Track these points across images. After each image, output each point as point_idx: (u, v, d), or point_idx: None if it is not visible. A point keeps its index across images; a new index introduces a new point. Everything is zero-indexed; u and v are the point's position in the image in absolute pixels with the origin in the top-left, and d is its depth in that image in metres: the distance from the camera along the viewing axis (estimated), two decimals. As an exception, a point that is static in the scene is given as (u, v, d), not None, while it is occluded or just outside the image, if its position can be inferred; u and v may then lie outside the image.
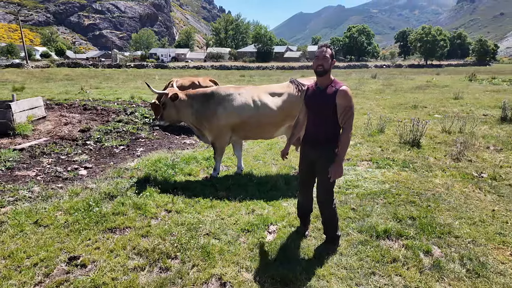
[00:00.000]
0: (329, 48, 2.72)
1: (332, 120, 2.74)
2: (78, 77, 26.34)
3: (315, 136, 2.83)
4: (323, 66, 2.67)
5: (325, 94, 2.71)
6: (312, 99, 2.81)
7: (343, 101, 2.65)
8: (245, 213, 3.64)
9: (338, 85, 2.70)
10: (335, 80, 2.77)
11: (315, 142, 2.83)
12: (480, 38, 79.39)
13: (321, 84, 2.78)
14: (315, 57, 2.72)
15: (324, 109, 2.72)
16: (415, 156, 5.79)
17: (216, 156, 4.70)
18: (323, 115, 2.75)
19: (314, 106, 2.80)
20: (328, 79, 2.75)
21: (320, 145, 2.81)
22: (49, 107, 10.62)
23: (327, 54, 2.68)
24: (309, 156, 2.91)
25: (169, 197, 4.01)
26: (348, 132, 2.68)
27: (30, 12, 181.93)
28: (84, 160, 5.57)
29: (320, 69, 2.68)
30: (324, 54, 2.67)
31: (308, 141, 2.92)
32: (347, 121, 2.67)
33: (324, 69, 2.68)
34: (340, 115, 2.69)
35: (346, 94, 2.65)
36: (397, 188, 4.37)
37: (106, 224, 3.37)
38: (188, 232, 3.22)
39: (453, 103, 12.00)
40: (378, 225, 3.35)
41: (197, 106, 4.51)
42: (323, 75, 2.71)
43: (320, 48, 2.74)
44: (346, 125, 2.68)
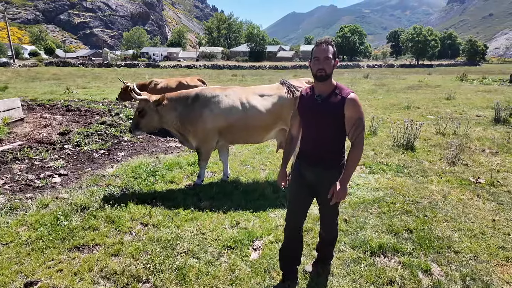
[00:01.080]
0: (330, 45, 2.11)
1: (338, 136, 2.23)
2: (66, 77, 25.67)
3: (316, 156, 2.27)
4: (324, 70, 2.09)
5: (328, 104, 2.15)
6: (312, 110, 2.22)
7: (353, 112, 2.11)
8: (229, 227, 3.34)
9: (344, 92, 2.14)
10: (338, 85, 2.20)
11: (316, 163, 2.28)
12: (470, 38, 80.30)
13: (322, 92, 2.19)
14: (314, 58, 2.11)
15: (328, 123, 2.18)
16: (410, 160, 5.56)
17: (201, 162, 4.38)
18: (326, 130, 2.21)
19: (315, 119, 2.22)
20: (330, 85, 2.18)
21: (324, 168, 2.26)
22: (29, 108, 10.16)
23: (330, 54, 2.09)
24: (307, 178, 2.34)
25: (147, 208, 3.69)
26: (359, 149, 2.15)
27: (19, 10, 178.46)
28: (60, 166, 5.20)
29: (322, 73, 2.10)
30: (326, 54, 2.08)
31: (306, 161, 2.34)
32: (358, 136, 2.13)
33: (326, 73, 2.10)
34: (350, 129, 2.15)
35: (355, 103, 2.11)
36: (391, 196, 4.12)
37: (73, 241, 3.04)
38: (164, 250, 2.91)
39: (445, 104, 11.88)
40: (372, 239, 3.09)
41: (180, 109, 4.17)
42: (324, 81, 2.15)
43: (319, 46, 2.11)
44: (357, 140, 2.14)
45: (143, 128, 4.22)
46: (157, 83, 7.88)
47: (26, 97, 13.12)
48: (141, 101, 4.13)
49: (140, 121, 4.19)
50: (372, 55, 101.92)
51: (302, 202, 2.42)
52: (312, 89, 2.28)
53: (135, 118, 4.21)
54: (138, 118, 4.19)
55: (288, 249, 2.52)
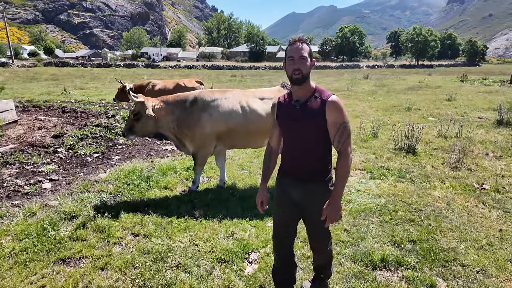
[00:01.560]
0: (305, 43, 1.91)
1: (322, 145, 1.98)
2: (64, 77, 25.51)
3: (298, 170, 2.02)
4: (300, 71, 1.87)
5: (308, 109, 1.92)
6: (291, 118, 1.99)
7: (336, 117, 1.88)
8: (224, 237, 3.19)
9: (324, 95, 1.92)
10: (318, 88, 1.97)
11: (299, 178, 2.03)
12: (470, 39, 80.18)
13: (299, 96, 1.96)
14: (289, 58, 1.90)
15: (310, 130, 1.94)
16: (411, 164, 5.41)
17: (196, 167, 4.21)
18: (309, 139, 1.97)
19: (295, 127, 1.98)
20: (309, 88, 1.95)
21: (309, 184, 2.01)
22: (25, 110, 10.01)
23: (305, 53, 1.88)
24: (291, 195, 2.09)
25: (139, 217, 3.53)
26: (346, 158, 1.90)
27: (18, 10, 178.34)
28: (51, 170, 5.05)
29: (298, 75, 1.87)
30: (301, 53, 1.87)
31: (287, 176, 2.09)
32: (344, 143, 1.89)
33: (302, 75, 1.88)
34: (334, 136, 1.91)
35: (338, 106, 1.88)
36: (393, 203, 3.97)
37: (59, 253, 2.88)
38: (154, 264, 2.76)
39: (446, 105, 11.73)
40: (374, 251, 2.94)
41: (178, 113, 4.00)
42: (301, 84, 1.92)
43: (293, 44, 1.90)
44: (343, 148, 1.90)
45: (137, 132, 3.99)
46: (154, 84, 7.74)
47: (23, 98, 12.98)
48: (137, 103, 3.92)
49: (134, 124, 3.95)
50: (372, 56, 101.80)
51: (289, 224, 2.18)
52: (290, 95, 2.05)
53: (129, 121, 3.97)
54: (132, 122, 3.95)
55: (280, 271, 2.32)
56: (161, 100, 4.06)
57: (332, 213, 1.91)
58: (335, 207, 1.91)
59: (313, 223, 2.09)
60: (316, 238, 2.20)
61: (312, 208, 2.03)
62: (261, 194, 2.16)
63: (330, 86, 19.32)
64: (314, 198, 2.01)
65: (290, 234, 2.24)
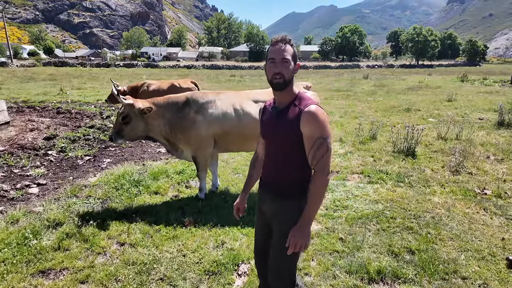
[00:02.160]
0: (289, 44, 1.68)
1: (298, 158, 1.74)
2: (62, 77, 25.36)
3: (270, 183, 1.84)
4: (282, 75, 1.65)
5: (284, 118, 1.71)
6: (266, 125, 1.81)
7: (311, 130, 1.63)
8: (213, 247, 3.05)
9: (303, 104, 1.68)
10: (300, 95, 1.74)
11: (271, 192, 1.83)
12: (470, 38, 79.99)
13: (280, 103, 1.76)
14: (270, 60, 1.68)
15: (282, 141, 1.73)
16: (411, 167, 5.27)
17: (199, 173, 4.02)
18: (282, 150, 1.76)
19: (268, 136, 1.81)
20: (290, 95, 1.73)
21: (278, 197, 1.79)
22: (19, 110, 9.87)
23: (288, 55, 1.66)
24: (264, 211, 1.90)
25: (126, 224, 3.39)
26: (321, 178, 1.64)
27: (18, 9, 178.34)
28: (40, 174, 4.91)
29: (279, 79, 1.66)
30: (283, 55, 1.65)
31: (264, 188, 1.89)
32: (320, 160, 1.64)
33: (284, 80, 1.66)
34: (309, 151, 1.67)
35: (315, 117, 1.62)
36: (391, 210, 3.82)
37: (39, 265, 2.74)
38: (138, 276, 2.61)
39: (446, 106, 11.59)
40: (370, 262, 2.79)
41: (169, 115, 3.85)
42: (282, 89, 1.70)
43: (275, 45, 1.67)
44: (318, 166, 1.65)
45: (126, 136, 3.78)
46: (149, 85, 7.61)
47: (19, 98, 12.83)
48: (125, 105, 3.74)
49: (123, 128, 3.74)
50: (372, 55, 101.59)
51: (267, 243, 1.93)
52: (274, 101, 1.84)
53: (117, 125, 3.77)
54: (121, 125, 3.74)
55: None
56: (151, 102, 3.91)
57: (298, 239, 1.64)
58: (302, 233, 1.64)
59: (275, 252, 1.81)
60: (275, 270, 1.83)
61: (276, 227, 1.82)
62: (239, 202, 2.02)
63: (330, 86, 19.18)
64: (281, 216, 1.78)
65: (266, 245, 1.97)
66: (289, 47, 1.67)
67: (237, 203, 2.03)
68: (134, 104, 3.72)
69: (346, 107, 11.27)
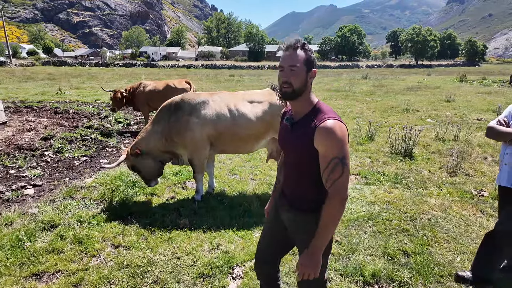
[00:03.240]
0: (301, 48, 1.54)
1: (315, 172, 1.58)
2: (61, 77, 25.30)
3: (288, 195, 1.75)
4: (290, 84, 1.52)
5: (298, 132, 1.58)
6: (283, 136, 1.70)
7: (326, 148, 1.48)
8: (208, 250, 3.03)
9: (319, 117, 1.52)
10: (318, 106, 1.58)
11: (289, 204, 1.74)
12: (469, 39, 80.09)
13: (295, 113, 1.64)
14: (279, 68, 1.58)
15: (298, 155, 1.61)
16: (408, 169, 5.26)
17: (196, 175, 4.02)
18: (298, 163, 1.64)
19: (285, 148, 1.70)
20: (307, 105, 1.59)
21: (295, 209, 1.70)
22: (16, 110, 9.84)
23: (297, 62, 1.52)
24: (283, 216, 1.81)
25: (121, 226, 3.37)
26: (335, 202, 1.49)
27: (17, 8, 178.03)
28: (36, 175, 4.89)
29: (287, 88, 1.54)
30: (291, 62, 1.52)
31: (284, 195, 1.81)
32: (334, 183, 1.48)
33: (293, 89, 1.53)
34: (323, 171, 1.51)
35: (330, 135, 1.46)
36: (388, 211, 3.81)
37: (32, 267, 2.72)
38: (132, 279, 2.60)
39: (445, 106, 11.59)
40: (365, 265, 2.78)
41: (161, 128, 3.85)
42: (293, 99, 1.57)
43: (286, 50, 1.56)
44: (333, 189, 1.49)
45: (150, 176, 4.02)
46: (145, 86, 7.62)
47: (17, 98, 12.79)
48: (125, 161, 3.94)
49: (143, 176, 4.03)
50: (371, 55, 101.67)
51: (275, 246, 1.92)
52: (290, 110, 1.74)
53: (140, 176, 4.08)
54: (140, 174, 4.03)
55: None
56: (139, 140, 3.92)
57: (308, 267, 1.54)
58: (310, 261, 1.53)
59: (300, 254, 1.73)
60: None
61: (296, 237, 1.76)
62: (268, 206, 2.08)
63: (329, 86, 19.17)
64: (303, 230, 1.68)
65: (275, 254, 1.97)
66: (300, 53, 1.53)
67: (267, 206, 2.08)
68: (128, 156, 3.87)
69: (345, 108, 11.27)
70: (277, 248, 1.94)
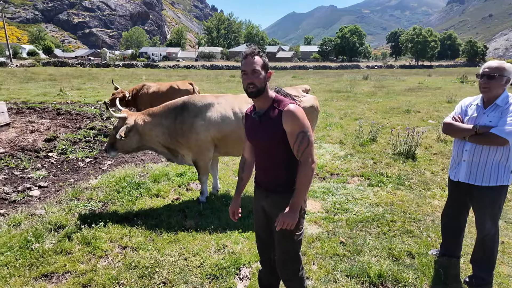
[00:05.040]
0: (258, 55, 1.87)
1: (285, 155, 1.93)
2: (62, 77, 25.35)
3: (266, 183, 2.03)
4: (254, 84, 1.85)
5: (267, 120, 1.91)
6: (252, 130, 2.00)
7: (293, 126, 1.84)
8: (214, 251, 3.06)
9: (282, 104, 1.89)
10: (277, 98, 1.95)
11: (266, 188, 2.02)
12: (470, 39, 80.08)
13: (259, 107, 1.97)
14: (243, 72, 1.88)
15: (269, 142, 1.92)
16: (411, 170, 5.29)
17: (200, 177, 4.04)
18: (270, 151, 1.95)
19: (256, 140, 1.98)
20: (267, 99, 1.94)
21: (274, 193, 1.99)
22: (19, 112, 9.86)
23: (257, 66, 1.85)
24: (263, 205, 2.08)
25: (127, 228, 3.41)
26: (307, 167, 1.84)
27: (18, 9, 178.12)
28: (41, 177, 4.92)
29: (252, 88, 1.86)
30: (253, 67, 1.84)
31: (258, 186, 2.10)
32: (304, 152, 1.84)
33: (257, 88, 1.86)
34: (293, 146, 1.87)
35: (294, 115, 1.83)
36: (392, 213, 3.84)
37: (42, 268, 2.76)
38: (140, 280, 2.63)
39: (446, 107, 11.62)
40: (371, 266, 2.81)
41: (168, 123, 3.84)
42: (257, 96, 1.90)
43: (245, 58, 1.87)
44: (304, 157, 1.85)
45: (119, 148, 3.85)
46: (149, 87, 7.64)
47: (18, 99, 12.84)
48: (119, 119, 3.81)
49: (116, 140, 3.79)
50: (372, 56, 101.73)
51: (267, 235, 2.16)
52: (253, 107, 2.04)
53: (112, 137, 3.83)
54: (114, 138, 3.79)
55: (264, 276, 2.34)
56: (147, 114, 3.92)
57: (287, 218, 1.85)
58: (290, 215, 1.85)
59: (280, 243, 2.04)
60: (281, 256, 2.07)
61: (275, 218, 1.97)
62: (233, 205, 2.19)
63: (330, 87, 19.20)
64: (276, 209, 1.95)
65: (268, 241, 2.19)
66: (257, 59, 1.86)
67: (232, 207, 2.19)
68: (127, 118, 3.75)
69: (346, 109, 11.30)
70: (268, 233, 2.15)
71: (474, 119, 2.50)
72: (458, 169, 2.60)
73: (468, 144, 2.49)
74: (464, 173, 2.54)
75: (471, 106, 2.60)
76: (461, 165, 2.56)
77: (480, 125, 2.42)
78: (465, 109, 2.62)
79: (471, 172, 2.51)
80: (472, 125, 2.46)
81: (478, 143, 2.43)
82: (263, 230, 2.16)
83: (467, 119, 2.55)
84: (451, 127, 2.58)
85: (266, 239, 2.18)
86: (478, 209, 2.58)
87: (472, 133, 2.44)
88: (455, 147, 2.65)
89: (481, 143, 2.42)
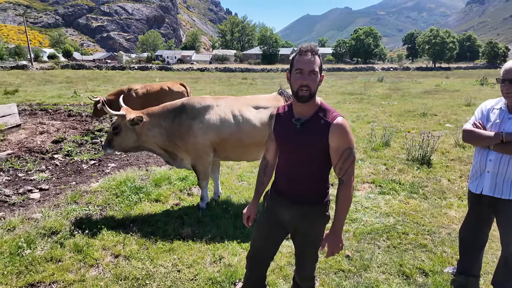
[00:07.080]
0: (318, 55, 1.64)
1: (321, 170, 1.78)
2: (78, 80, 25.89)
3: (293, 191, 1.81)
4: (309, 87, 1.62)
5: (309, 130, 1.69)
6: (288, 137, 1.76)
7: (340, 142, 1.66)
8: (210, 263, 2.88)
9: (330, 116, 1.68)
10: (323, 105, 1.73)
11: (294, 199, 1.81)
12: (490, 40, 77.54)
13: (302, 114, 1.73)
14: (297, 70, 1.62)
15: (308, 153, 1.72)
16: (425, 177, 4.97)
17: (200, 182, 3.88)
18: (307, 163, 1.75)
19: (292, 147, 1.76)
20: (313, 106, 1.71)
21: (304, 204, 1.80)
22: (31, 113, 10.02)
23: (316, 67, 1.61)
24: (279, 215, 1.88)
25: (122, 235, 3.27)
26: (349, 187, 1.71)
27: (40, 14, 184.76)
28: (43, 179, 4.87)
29: (305, 92, 1.62)
30: (312, 67, 1.60)
31: (280, 195, 1.87)
32: (347, 171, 1.69)
33: (310, 92, 1.63)
34: (337, 162, 1.69)
35: (343, 130, 1.65)
36: (403, 224, 3.57)
37: (29, 277, 2.64)
38: (128, 294, 2.47)
39: (465, 110, 11.10)
40: (378, 284, 2.57)
41: (166, 124, 3.71)
42: (307, 101, 1.67)
43: (304, 55, 1.61)
44: (347, 176, 1.70)
45: (116, 146, 3.74)
46: (137, 89, 7.35)
47: (34, 101, 13.10)
48: (118, 117, 3.70)
49: (114, 138, 3.70)
50: (387, 58, 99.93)
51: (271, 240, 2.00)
52: (290, 107, 1.81)
53: (109, 135, 3.74)
54: (112, 135, 3.71)
55: None
56: (145, 113, 3.79)
57: (332, 245, 1.76)
58: (335, 239, 1.76)
59: (304, 246, 1.93)
60: (305, 259, 1.99)
61: (305, 230, 1.86)
62: (250, 209, 2.02)
63: (344, 89, 18.82)
64: (309, 221, 1.84)
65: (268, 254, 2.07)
66: (317, 59, 1.64)
67: (248, 211, 2.01)
68: (126, 115, 3.63)
69: (359, 111, 10.96)
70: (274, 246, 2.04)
71: (498, 125, 2.22)
72: (480, 180, 2.32)
73: (493, 154, 2.21)
74: (489, 186, 2.26)
75: (493, 111, 2.31)
76: (485, 177, 2.28)
77: (506, 132, 2.15)
78: (486, 114, 2.34)
79: (496, 184, 2.23)
80: (495, 132, 2.19)
81: (505, 153, 2.15)
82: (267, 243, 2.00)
83: (490, 125, 2.27)
84: (473, 135, 2.30)
85: (266, 253, 2.03)
86: (504, 225, 2.30)
87: (498, 142, 2.16)
88: (477, 157, 2.36)
89: (508, 152, 2.14)
